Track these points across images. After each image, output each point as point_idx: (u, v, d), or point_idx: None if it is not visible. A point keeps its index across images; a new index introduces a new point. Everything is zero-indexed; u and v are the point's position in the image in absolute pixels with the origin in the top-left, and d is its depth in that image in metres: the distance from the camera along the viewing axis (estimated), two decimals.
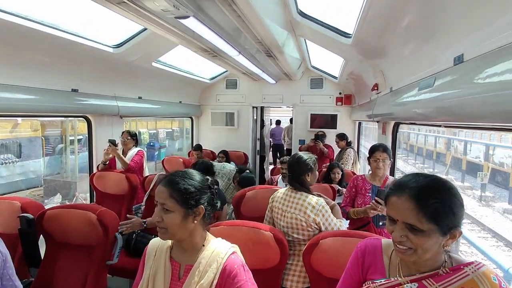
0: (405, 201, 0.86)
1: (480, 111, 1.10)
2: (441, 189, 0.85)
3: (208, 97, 5.98)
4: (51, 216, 2.05)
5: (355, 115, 5.04)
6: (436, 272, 0.87)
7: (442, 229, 0.83)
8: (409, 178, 0.90)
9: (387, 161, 2.24)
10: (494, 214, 9.40)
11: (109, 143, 3.29)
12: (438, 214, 0.82)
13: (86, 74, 3.08)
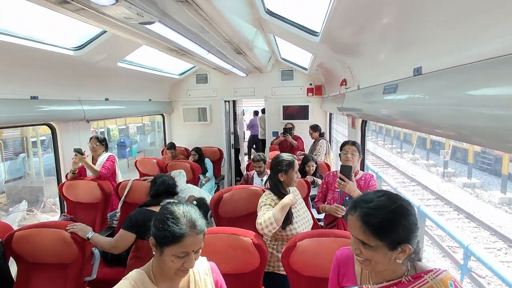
0: (356, 220, 0.97)
1: (436, 122, 1.19)
2: (386, 209, 0.93)
3: (178, 93, 5.85)
4: (21, 237, 1.96)
5: (326, 106, 5.15)
6: (400, 281, 0.96)
7: (388, 245, 0.91)
8: (363, 198, 0.99)
9: (356, 153, 2.34)
10: (455, 189, 10.12)
11: (75, 152, 3.14)
12: (380, 232, 0.91)
13: (46, 79, 2.90)
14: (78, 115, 3.36)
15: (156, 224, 1.10)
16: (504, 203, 8.47)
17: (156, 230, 1.09)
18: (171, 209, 1.12)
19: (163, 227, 1.06)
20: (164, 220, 1.08)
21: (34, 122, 2.98)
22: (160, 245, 1.08)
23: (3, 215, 6.42)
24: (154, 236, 1.09)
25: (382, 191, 1.00)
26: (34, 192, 6.89)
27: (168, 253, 1.07)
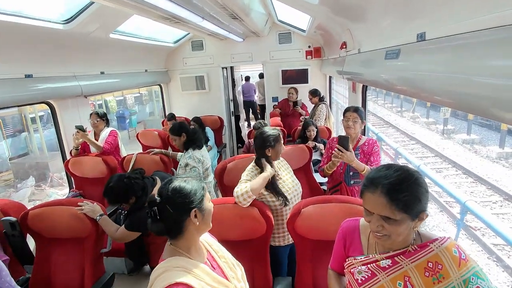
0: (378, 197, 0.96)
1: (437, 89, 1.18)
2: (409, 182, 0.95)
3: (174, 61, 5.71)
4: (35, 216, 2.04)
5: (325, 68, 5.05)
6: (406, 250, 1.00)
7: (412, 216, 0.95)
8: (380, 174, 0.99)
9: (357, 120, 2.30)
10: (455, 146, 10.22)
11: (76, 129, 3.16)
12: (408, 205, 0.93)
13: (39, 56, 2.83)
14: (75, 91, 3.32)
15: (190, 197, 1.15)
16: (501, 158, 8.60)
17: (193, 198, 1.15)
18: (180, 182, 1.17)
19: (196, 189, 1.17)
20: (190, 187, 1.16)
21: (32, 101, 2.95)
22: (201, 204, 1.17)
23: (12, 192, 6.58)
24: (196, 205, 1.15)
25: (392, 166, 1.00)
26: (40, 168, 6.98)
27: (206, 204, 1.21)
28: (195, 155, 2.85)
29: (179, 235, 1.16)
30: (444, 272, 0.93)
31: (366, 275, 1.07)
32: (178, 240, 1.17)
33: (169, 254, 1.17)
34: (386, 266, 1.02)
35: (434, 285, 0.94)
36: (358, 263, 1.10)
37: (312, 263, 1.84)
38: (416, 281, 0.96)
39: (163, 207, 1.12)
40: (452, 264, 0.93)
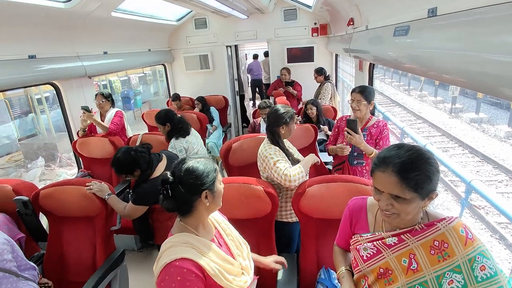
0: (389, 176, 0.96)
1: (448, 68, 1.15)
2: (420, 162, 0.94)
3: (178, 40, 5.61)
4: (46, 195, 2.10)
5: (331, 46, 4.93)
6: (413, 228, 1.01)
7: (422, 195, 0.95)
8: (391, 153, 0.98)
9: (362, 102, 2.22)
10: (462, 125, 10.09)
11: (82, 110, 3.18)
12: (419, 185, 0.93)
13: (42, 36, 2.80)
14: (79, 71, 3.30)
15: (202, 178, 1.16)
16: (510, 137, 8.49)
17: (206, 180, 1.17)
18: (193, 163, 1.19)
19: (209, 171, 1.19)
20: (203, 169, 1.18)
21: (36, 82, 2.94)
22: (213, 186, 1.19)
23: (23, 172, 6.73)
24: (207, 187, 1.17)
25: (404, 146, 0.99)
26: (48, 148, 7.08)
27: (217, 186, 1.23)
28: (177, 144, 2.88)
29: (189, 213, 1.19)
30: (449, 250, 0.94)
31: (371, 252, 1.09)
32: (187, 218, 1.20)
33: (177, 230, 1.21)
34: (392, 243, 1.04)
35: (439, 262, 0.95)
36: (364, 240, 1.12)
37: (316, 240, 1.88)
38: (421, 258, 0.98)
39: (175, 186, 1.15)
40: (459, 243, 0.94)
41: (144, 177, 2.16)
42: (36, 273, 1.70)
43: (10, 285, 1.49)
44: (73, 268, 2.19)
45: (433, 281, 0.95)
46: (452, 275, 0.93)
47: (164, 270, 1.07)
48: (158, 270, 1.08)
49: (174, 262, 1.06)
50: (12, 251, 1.58)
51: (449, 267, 0.94)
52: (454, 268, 0.93)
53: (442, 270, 0.94)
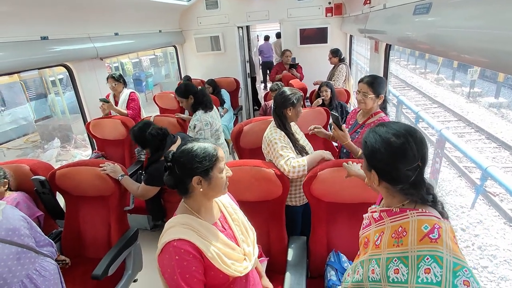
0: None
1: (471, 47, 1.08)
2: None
3: (189, 21, 5.52)
4: (62, 175, 2.15)
5: (346, 27, 4.77)
6: (391, 208, 1.03)
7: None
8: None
9: (369, 95, 1.98)
10: (480, 109, 9.77)
11: (101, 102, 3.29)
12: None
13: (53, 17, 2.78)
14: (90, 53, 3.31)
15: (193, 163, 1.15)
16: None
17: (197, 165, 1.15)
18: (192, 146, 1.19)
19: (203, 157, 1.16)
20: (197, 153, 1.16)
21: (49, 63, 2.97)
22: (206, 173, 1.17)
23: (40, 152, 6.92)
24: (199, 172, 1.16)
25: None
26: (63, 129, 7.23)
27: (215, 175, 1.19)
28: (203, 117, 2.84)
29: (187, 194, 1.21)
30: (405, 239, 0.94)
31: (367, 222, 1.15)
32: (188, 199, 1.23)
33: (180, 211, 1.24)
34: (376, 218, 1.08)
35: (393, 247, 0.96)
36: (369, 211, 1.16)
37: (326, 224, 1.88)
38: (384, 238, 1.01)
39: (172, 165, 1.19)
40: (414, 236, 0.92)
41: (155, 158, 2.20)
42: (54, 250, 1.76)
43: (28, 261, 1.55)
44: (89, 245, 2.27)
45: (383, 261, 0.98)
46: (399, 264, 0.93)
47: (164, 248, 1.11)
48: (160, 247, 1.13)
49: (172, 242, 1.10)
50: (29, 227, 1.63)
51: (398, 254, 0.94)
52: (402, 258, 0.92)
53: (392, 255, 0.96)
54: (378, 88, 1.97)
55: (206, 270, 1.15)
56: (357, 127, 2.17)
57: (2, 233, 1.46)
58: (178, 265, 1.08)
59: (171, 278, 1.08)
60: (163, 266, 1.10)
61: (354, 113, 2.30)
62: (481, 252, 3.99)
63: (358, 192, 1.75)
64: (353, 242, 1.82)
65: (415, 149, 0.93)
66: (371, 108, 2.05)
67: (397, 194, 1.00)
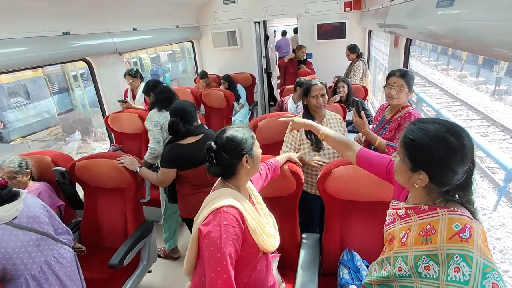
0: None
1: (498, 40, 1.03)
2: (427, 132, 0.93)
3: (206, 16, 5.54)
4: (81, 166, 2.21)
5: (365, 21, 4.66)
6: (419, 206, 0.99)
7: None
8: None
9: (403, 88, 1.87)
10: (506, 108, 9.37)
11: (120, 103, 3.39)
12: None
13: (74, 13, 2.86)
14: (109, 48, 3.38)
15: (241, 145, 1.27)
16: None
17: (244, 146, 1.28)
18: (233, 131, 1.30)
19: (246, 138, 1.29)
20: (242, 136, 1.29)
21: (70, 58, 3.05)
22: (251, 151, 1.30)
23: (62, 144, 7.16)
24: (246, 152, 1.28)
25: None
26: (84, 123, 7.45)
27: (256, 151, 1.33)
28: (152, 116, 2.63)
29: (232, 176, 1.31)
30: (434, 237, 0.92)
31: (390, 219, 1.13)
32: (231, 181, 1.33)
33: (220, 186, 1.33)
34: (402, 215, 1.06)
35: (421, 245, 0.94)
36: (391, 207, 1.14)
37: (340, 221, 1.86)
38: (411, 235, 0.99)
39: (219, 153, 1.27)
40: (444, 234, 0.89)
41: (171, 140, 2.17)
42: (71, 237, 1.83)
43: (47, 247, 1.62)
44: (106, 235, 2.33)
45: (411, 259, 0.96)
46: (429, 261, 0.92)
47: (211, 215, 1.18)
48: (205, 215, 1.20)
49: (222, 208, 1.19)
50: (49, 215, 1.69)
51: (426, 252, 0.92)
52: (432, 256, 0.91)
53: (420, 252, 0.94)
54: (411, 82, 1.90)
55: (242, 242, 1.22)
56: (385, 122, 2.10)
57: (23, 220, 1.52)
58: (224, 230, 1.14)
59: (213, 242, 1.13)
60: (207, 231, 1.15)
61: (382, 109, 2.22)
62: (503, 256, 3.85)
63: (374, 190, 1.72)
64: (367, 241, 1.80)
65: (471, 148, 0.88)
66: (401, 103, 1.96)
67: (435, 194, 0.96)
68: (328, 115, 2.23)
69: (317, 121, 2.13)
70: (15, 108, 7.66)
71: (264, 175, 1.67)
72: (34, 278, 1.54)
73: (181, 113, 2.09)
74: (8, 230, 1.47)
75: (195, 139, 2.12)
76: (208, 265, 1.13)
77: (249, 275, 1.29)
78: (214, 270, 1.11)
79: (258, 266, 1.32)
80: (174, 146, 2.10)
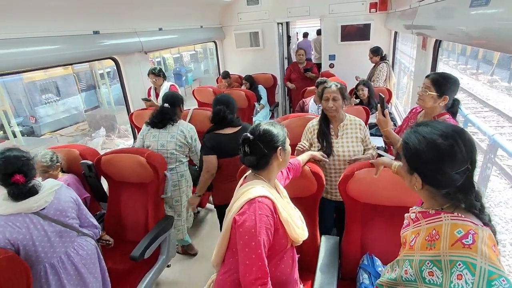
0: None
1: None
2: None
3: (229, 17, 5.59)
4: (107, 160, 2.29)
5: (390, 23, 4.55)
6: (428, 210, 0.99)
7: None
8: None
9: (430, 92, 1.77)
10: None
11: (144, 101, 3.51)
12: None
13: (104, 13, 2.96)
14: (136, 47, 3.48)
15: (278, 137, 1.35)
16: None
17: (279, 138, 1.35)
18: (268, 126, 1.37)
19: (280, 132, 1.36)
20: (276, 130, 1.36)
21: (100, 56, 3.16)
22: (284, 144, 1.37)
23: (88, 140, 7.43)
24: (280, 144, 1.35)
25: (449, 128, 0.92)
26: (109, 119, 7.70)
27: (287, 145, 1.41)
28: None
29: (264, 167, 1.36)
30: (437, 243, 0.91)
31: (406, 222, 1.13)
32: (262, 173, 1.38)
33: (252, 178, 1.38)
34: (413, 219, 1.06)
35: (426, 250, 0.94)
36: (410, 211, 1.13)
37: (361, 225, 1.82)
38: (418, 240, 0.99)
39: (255, 143, 1.32)
40: (447, 240, 0.88)
41: (211, 130, 2.29)
42: (97, 231, 1.89)
43: (69, 239, 1.68)
44: (128, 228, 2.40)
45: (416, 263, 0.95)
46: (432, 267, 0.91)
47: (246, 204, 1.24)
48: (239, 205, 1.25)
49: (257, 198, 1.24)
50: (78, 209, 1.76)
51: (431, 257, 0.91)
52: (435, 262, 0.90)
53: (424, 257, 0.93)
54: (442, 87, 1.75)
55: (274, 232, 1.25)
56: None
57: (51, 212, 1.59)
58: (259, 219, 1.19)
59: (248, 231, 1.18)
60: (242, 221, 1.20)
61: (415, 113, 2.09)
62: None
63: (398, 195, 1.67)
64: (389, 247, 1.75)
65: (464, 150, 0.87)
66: (433, 109, 1.82)
67: (439, 198, 0.95)
68: (347, 120, 2.16)
69: (333, 125, 2.13)
70: (45, 104, 8.03)
71: (285, 174, 1.67)
72: (52, 267, 1.60)
73: (226, 102, 2.26)
74: (35, 219, 1.54)
75: (234, 130, 2.24)
76: (242, 253, 1.18)
77: (277, 265, 1.32)
78: (249, 258, 1.16)
79: (285, 257, 1.36)
80: (213, 135, 2.24)
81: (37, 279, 1.56)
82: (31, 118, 7.86)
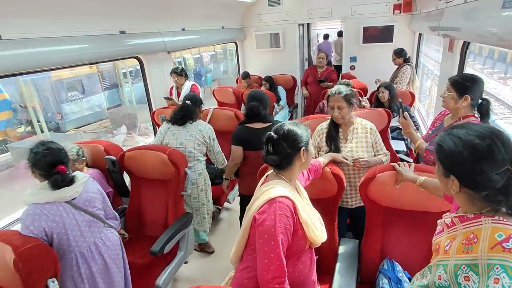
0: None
1: None
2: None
3: (250, 18, 5.62)
4: (129, 156, 2.36)
5: (415, 25, 4.44)
6: (465, 215, 0.95)
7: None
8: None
9: (450, 92, 1.77)
10: None
11: (166, 99, 3.61)
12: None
13: (130, 13, 3.05)
14: (159, 46, 3.56)
15: (302, 137, 1.35)
16: None
17: (303, 139, 1.35)
18: (292, 126, 1.36)
19: (303, 133, 1.36)
20: (301, 130, 1.36)
21: (125, 55, 3.26)
22: (307, 145, 1.37)
23: (109, 137, 7.65)
24: (303, 145, 1.35)
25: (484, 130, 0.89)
26: (130, 118, 7.90)
27: (310, 146, 1.40)
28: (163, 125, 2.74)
29: (287, 167, 1.36)
30: (475, 246, 0.87)
31: (440, 228, 1.09)
32: (283, 173, 1.38)
33: (274, 178, 1.39)
34: (448, 224, 1.02)
35: (463, 253, 0.90)
36: (443, 217, 1.09)
37: (381, 229, 1.80)
38: (454, 244, 0.95)
39: (278, 143, 1.32)
40: (486, 243, 0.84)
41: (242, 122, 2.40)
42: (117, 222, 1.95)
43: (97, 230, 1.75)
44: (148, 224, 2.46)
45: (451, 268, 0.91)
46: (468, 272, 0.86)
47: (266, 204, 1.24)
48: (259, 204, 1.26)
49: (278, 198, 1.24)
50: (102, 201, 1.83)
51: (467, 261, 0.87)
52: (472, 266, 0.85)
53: (460, 261, 0.89)
54: (463, 88, 1.74)
55: (293, 232, 1.26)
56: (441, 130, 1.96)
57: (81, 202, 1.66)
58: (279, 219, 1.20)
59: (268, 230, 1.19)
60: (262, 220, 1.21)
61: (443, 115, 2.08)
62: None
63: (421, 200, 1.64)
64: (411, 252, 1.72)
65: (503, 151, 0.84)
66: (456, 110, 1.82)
67: (478, 201, 0.91)
68: (357, 123, 2.07)
69: (342, 129, 2.09)
70: (71, 102, 8.33)
71: (306, 175, 1.67)
72: (82, 256, 1.67)
73: (260, 98, 2.36)
74: (67, 208, 1.62)
75: (264, 126, 2.31)
76: (261, 252, 1.19)
77: (294, 265, 1.32)
78: (268, 256, 1.18)
79: (303, 258, 1.36)
80: (243, 127, 2.35)
81: (69, 268, 1.63)
82: (57, 114, 8.17)
